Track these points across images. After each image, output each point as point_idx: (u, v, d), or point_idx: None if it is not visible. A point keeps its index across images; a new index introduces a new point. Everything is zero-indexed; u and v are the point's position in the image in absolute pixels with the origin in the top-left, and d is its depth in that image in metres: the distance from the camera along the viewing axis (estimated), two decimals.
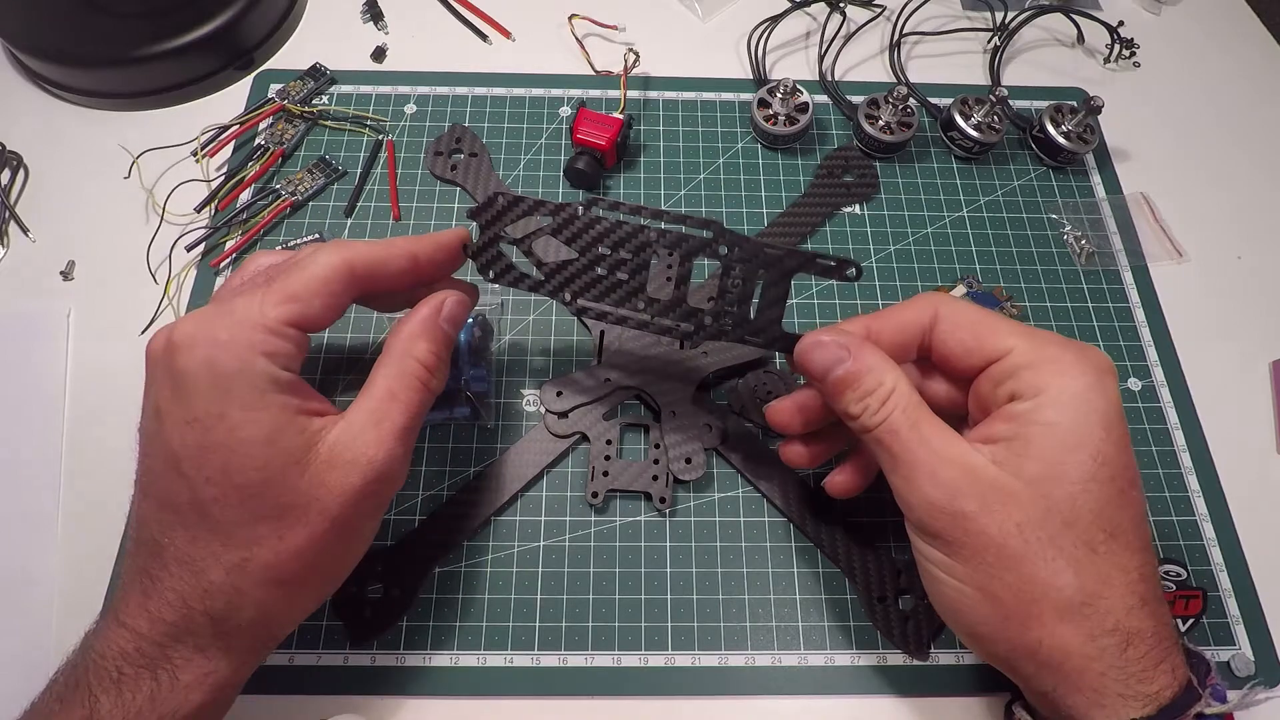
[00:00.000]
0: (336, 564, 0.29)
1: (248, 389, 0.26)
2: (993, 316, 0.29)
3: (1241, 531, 0.38)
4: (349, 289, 0.29)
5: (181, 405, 0.25)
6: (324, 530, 0.26)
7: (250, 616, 0.26)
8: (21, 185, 0.46)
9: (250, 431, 0.25)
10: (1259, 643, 0.36)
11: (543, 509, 0.38)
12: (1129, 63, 0.54)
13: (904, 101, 0.46)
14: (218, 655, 0.26)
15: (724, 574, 0.37)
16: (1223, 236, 0.47)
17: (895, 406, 0.27)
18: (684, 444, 0.38)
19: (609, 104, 0.49)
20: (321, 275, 0.28)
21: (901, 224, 0.46)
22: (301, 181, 0.45)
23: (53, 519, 0.37)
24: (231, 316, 0.26)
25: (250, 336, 0.26)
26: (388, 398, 0.28)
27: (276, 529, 0.26)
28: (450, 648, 0.35)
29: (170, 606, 0.25)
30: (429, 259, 0.31)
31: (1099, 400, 0.26)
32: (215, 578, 0.25)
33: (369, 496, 0.27)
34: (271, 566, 0.26)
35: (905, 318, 0.30)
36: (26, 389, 0.40)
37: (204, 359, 0.25)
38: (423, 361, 0.29)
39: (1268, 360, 0.43)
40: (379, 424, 0.28)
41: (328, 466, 0.26)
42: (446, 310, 0.31)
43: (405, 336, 0.30)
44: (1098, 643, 0.25)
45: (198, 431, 0.25)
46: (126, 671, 0.25)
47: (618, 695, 0.34)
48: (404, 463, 0.29)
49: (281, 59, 0.52)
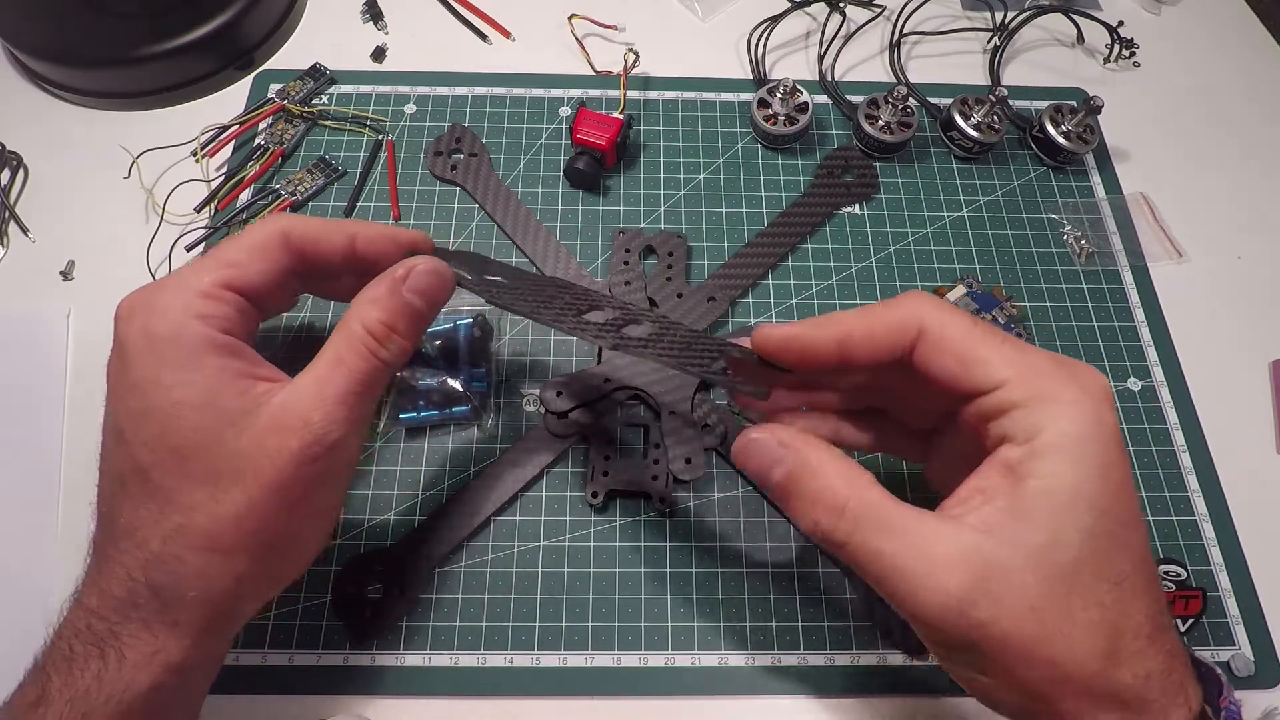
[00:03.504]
0: (286, 537, 0.27)
1: (182, 352, 0.26)
2: (980, 336, 0.26)
3: (1241, 531, 0.38)
4: (284, 255, 0.29)
5: (123, 374, 0.26)
6: (262, 495, 0.25)
7: (193, 589, 0.25)
8: (21, 185, 0.46)
9: (185, 394, 0.25)
10: (1259, 643, 0.36)
11: (543, 509, 0.38)
12: (1129, 63, 0.54)
13: (904, 101, 0.46)
14: (164, 631, 0.25)
15: (724, 574, 0.37)
16: (1223, 236, 0.47)
17: (855, 518, 0.24)
18: (684, 444, 0.38)
19: (609, 104, 0.49)
20: (259, 240, 0.28)
21: (901, 224, 0.46)
22: (301, 181, 0.45)
23: (53, 519, 0.37)
24: (168, 285, 0.27)
25: (185, 300, 0.26)
26: (334, 363, 0.27)
27: (212, 493, 0.25)
28: (450, 648, 0.35)
29: (118, 581, 0.25)
30: (369, 243, 0.30)
31: (1096, 441, 0.24)
32: (155, 547, 0.25)
33: (309, 462, 0.26)
34: (208, 533, 0.25)
35: (886, 326, 0.27)
36: (26, 389, 0.40)
37: (140, 326, 0.26)
38: (370, 329, 0.28)
39: (1268, 360, 0.43)
40: (321, 388, 0.27)
41: (268, 431, 0.26)
42: (413, 279, 0.29)
43: (359, 302, 0.28)
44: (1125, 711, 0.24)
45: (136, 397, 0.25)
46: (77, 649, 0.25)
47: (618, 695, 0.34)
48: (351, 430, 0.27)
49: (281, 59, 0.52)
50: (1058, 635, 0.23)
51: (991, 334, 0.26)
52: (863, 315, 0.27)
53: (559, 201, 0.46)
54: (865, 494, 0.25)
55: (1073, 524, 0.23)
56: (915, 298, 0.27)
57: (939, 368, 0.26)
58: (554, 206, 0.46)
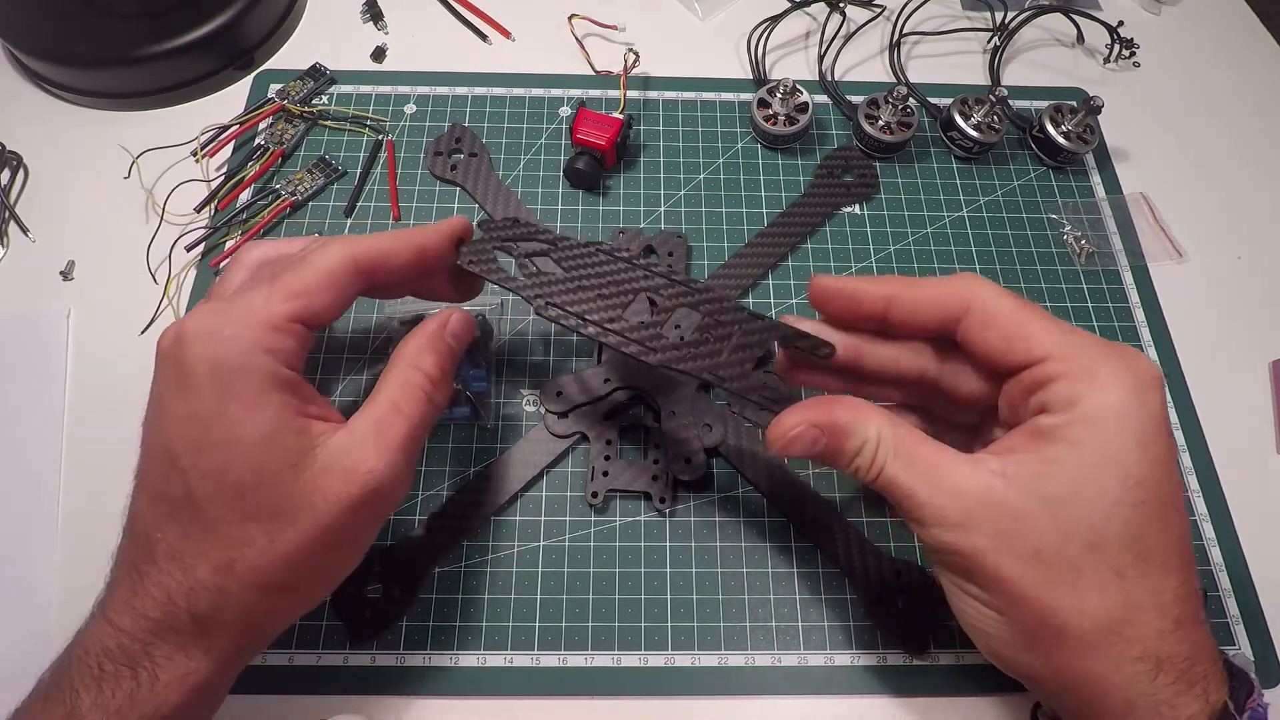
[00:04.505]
0: (327, 573, 0.28)
1: (249, 386, 0.25)
2: (1028, 314, 0.26)
3: (1241, 531, 0.38)
4: (354, 283, 0.29)
5: (183, 400, 0.25)
6: (315, 537, 0.26)
7: (234, 618, 0.26)
8: (21, 185, 0.46)
9: (248, 430, 0.25)
10: (1259, 643, 0.36)
11: (543, 509, 0.38)
12: (1129, 63, 0.54)
13: (904, 101, 0.46)
14: (199, 655, 0.26)
15: (724, 574, 0.36)
16: (1223, 236, 0.47)
17: (885, 457, 0.26)
18: (684, 444, 0.38)
19: (609, 104, 0.49)
20: (327, 270, 0.28)
21: (901, 224, 0.46)
22: (301, 181, 0.45)
23: (53, 519, 0.37)
24: (237, 312, 0.26)
25: (255, 334, 0.26)
26: (392, 409, 0.28)
27: (267, 531, 0.25)
28: (450, 648, 0.35)
29: (155, 603, 0.25)
30: (435, 250, 0.31)
31: (1136, 417, 0.24)
32: (202, 575, 0.25)
33: (366, 508, 0.27)
34: (259, 569, 0.25)
35: (932, 299, 0.28)
36: (26, 389, 0.40)
37: (207, 355, 0.25)
38: (427, 374, 0.29)
39: (1268, 360, 0.43)
40: (381, 434, 0.27)
41: (325, 473, 0.26)
42: (452, 325, 0.31)
43: (411, 349, 0.30)
44: (1124, 671, 0.24)
45: (196, 427, 0.25)
46: (108, 668, 0.25)
47: (618, 695, 0.34)
48: (406, 477, 0.28)
49: (281, 59, 0.52)
50: (1060, 584, 0.24)
51: (1039, 313, 0.26)
52: (914, 282, 0.28)
53: (559, 201, 0.46)
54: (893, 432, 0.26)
55: (1098, 486, 0.24)
56: (967, 276, 0.28)
57: (983, 343, 0.27)
58: (554, 206, 0.46)
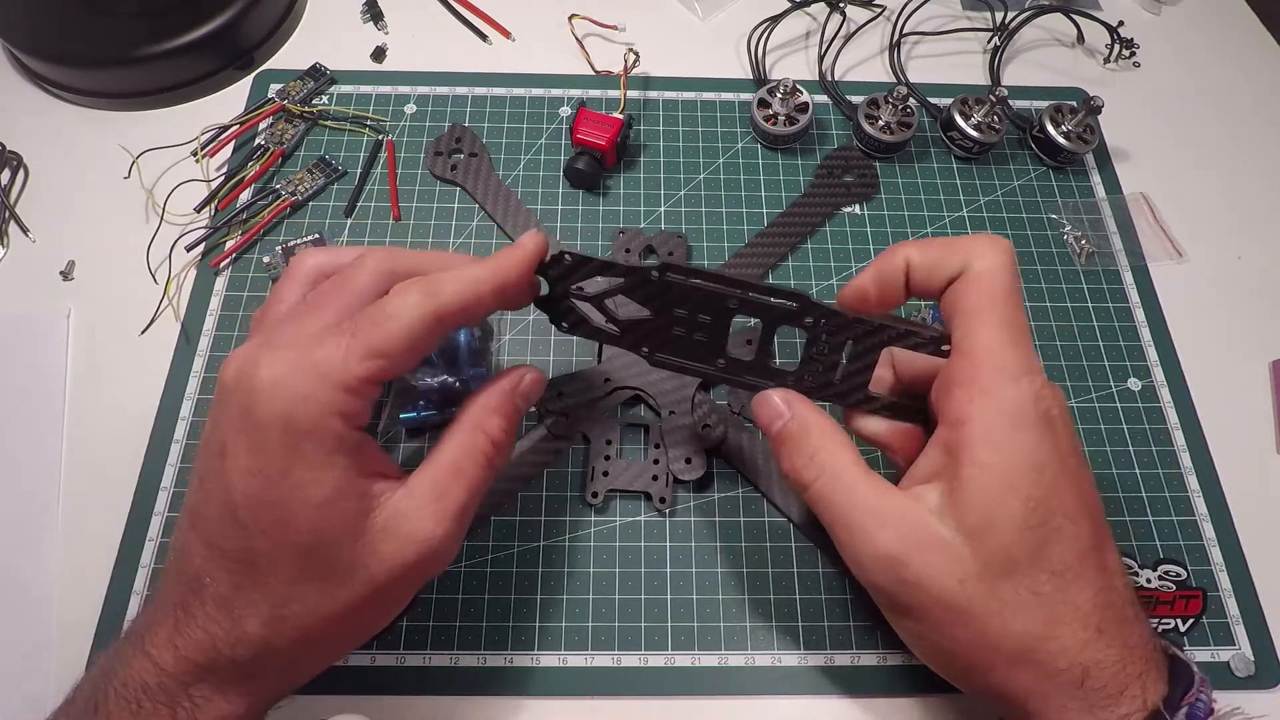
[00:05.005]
0: (370, 627, 0.29)
1: (317, 450, 0.25)
2: (940, 250, 0.28)
3: (1241, 531, 0.38)
4: (435, 339, 0.27)
5: (249, 452, 0.25)
6: (367, 598, 0.26)
7: (276, 668, 0.26)
8: (21, 185, 0.46)
9: (312, 493, 0.25)
10: (1259, 643, 0.36)
11: (543, 509, 0.38)
12: (1129, 63, 0.54)
13: (904, 101, 0.46)
14: (237, 699, 0.26)
15: (724, 574, 0.37)
16: (1223, 236, 0.47)
17: (824, 468, 0.27)
18: (684, 444, 0.38)
19: (609, 104, 0.49)
20: (409, 330, 0.26)
21: (901, 224, 0.46)
22: (301, 181, 0.45)
23: (53, 520, 0.37)
24: (314, 370, 0.25)
25: (330, 396, 0.25)
26: (453, 471, 0.28)
27: (321, 591, 0.25)
28: (450, 648, 0.35)
29: (199, 648, 0.25)
30: (518, 285, 0.29)
31: (1028, 434, 0.25)
32: (251, 629, 0.25)
33: (418, 571, 0.27)
34: (308, 627, 0.25)
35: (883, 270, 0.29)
36: (26, 389, 0.40)
37: (280, 412, 0.25)
38: (493, 438, 0.29)
39: (1268, 360, 0.43)
40: (440, 499, 0.27)
41: (383, 535, 0.26)
42: (524, 388, 0.30)
43: (480, 408, 0.29)
44: (1053, 680, 0.25)
45: (260, 483, 0.25)
46: (146, 705, 0.25)
47: (617, 695, 0.34)
48: (459, 540, 0.28)
49: (281, 59, 0.52)
50: (985, 612, 0.25)
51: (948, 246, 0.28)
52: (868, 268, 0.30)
53: (559, 201, 0.46)
54: (837, 452, 0.28)
55: (1005, 511, 0.25)
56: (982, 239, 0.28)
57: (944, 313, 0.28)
58: (554, 206, 0.46)
